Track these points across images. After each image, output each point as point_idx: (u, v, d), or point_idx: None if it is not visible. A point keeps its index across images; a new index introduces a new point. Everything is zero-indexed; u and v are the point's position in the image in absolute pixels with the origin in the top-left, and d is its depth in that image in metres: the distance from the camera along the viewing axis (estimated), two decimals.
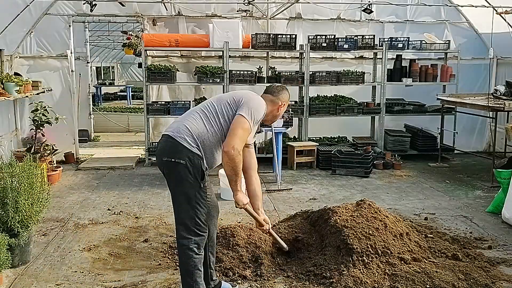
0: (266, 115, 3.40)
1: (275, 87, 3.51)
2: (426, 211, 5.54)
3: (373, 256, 3.75)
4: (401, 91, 8.80)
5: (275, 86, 3.53)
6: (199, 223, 3.16)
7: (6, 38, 7.10)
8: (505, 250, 4.36)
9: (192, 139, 3.13)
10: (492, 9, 7.42)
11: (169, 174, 3.20)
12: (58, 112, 7.11)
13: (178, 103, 7.80)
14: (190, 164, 3.09)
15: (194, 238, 3.14)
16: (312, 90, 8.15)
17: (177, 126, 3.23)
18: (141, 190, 6.42)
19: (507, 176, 5.22)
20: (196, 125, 3.19)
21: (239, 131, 3.12)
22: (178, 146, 3.11)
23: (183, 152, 3.10)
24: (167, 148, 3.17)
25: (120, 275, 3.86)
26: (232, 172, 3.13)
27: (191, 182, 3.12)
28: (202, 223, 3.17)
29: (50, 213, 5.26)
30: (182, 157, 3.09)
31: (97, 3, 7.21)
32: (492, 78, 8.64)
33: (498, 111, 6.63)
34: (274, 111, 3.45)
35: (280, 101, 3.43)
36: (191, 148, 3.11)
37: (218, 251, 3.89)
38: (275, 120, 3.57)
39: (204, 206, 3.18)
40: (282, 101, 3.45)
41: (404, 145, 8.39)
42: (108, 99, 17.80)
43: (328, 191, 6.43)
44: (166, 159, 3.16)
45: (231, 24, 7.81)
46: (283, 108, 3.48)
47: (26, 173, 3.98)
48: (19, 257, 3.98)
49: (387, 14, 8.76)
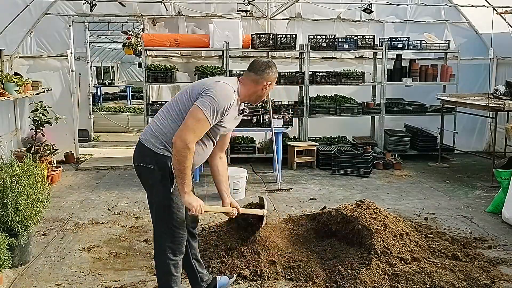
0: (249, 95, 3.09)
1: (259, 64, 3.08)
2: (426, 211, 5.54)
3: (373, 256, 3.76)
4: (401, 91, 8.80)
5: (259, 63, 3.09)
6: (173, 228, 3.00)
7: (6, 38, 7.10)
8: (505, 250, 4.37)
9: (158, 141, 2.95)
10: (492, 9, 7.42)
11: (141, 179, 3.09)
12: (58, 112, 7.10)
13: None
14: (158, 168, 2.93)
15: (168, 244, 3.02)
16: (312, 90, 8.15)
17: (144, 129, 3.09)
18: (141, 190, 6.39)
19: (507, 176, 5.22)
20: (160, 125, 2.99)
21: (190, 122, 2.83)
22: (145, 150, 2.97)
23: (150, 156, 2.95)
24: (136, 152, 3.06)
25: (120, 275, 3.86)
26: (178, 166, 2.82)
27: (161, 186, 2.95)
28: (176, 228, 3.01)
29: (50, 213, 5.27)
30: (150, 161, 2.95)
31: (97, 3, 7.21)
32: (492, 78, 8.64)
33: (498, 111, 6.63)
34: (258, 92, 3.09)
35: (265, 81, 3.05)
36: (157, 150, 2.93)
37: (217, 254, 3.90)
38: (260, 100, 3.20)
39: (178, 210, 3.00)
40: (267, 81, 3.06)
41: (404, 145, 8.39)
42: (108, 99, 17.79)
43: (328, 191, 6.44)
44: (136, 164, 3.05)
45: (231, 24, 7.81)
46: (268, 87, 3.10)
47: (26, 173, 3.98)
48: (19, 257, 3.98)
49: (387, 14, 8.76)
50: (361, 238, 3.97)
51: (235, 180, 5.94)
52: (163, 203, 2.98)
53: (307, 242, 4.33)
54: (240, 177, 5.98)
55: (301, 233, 4.47)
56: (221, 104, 2.88)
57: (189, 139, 2.80)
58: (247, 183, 6.21)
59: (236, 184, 5.94)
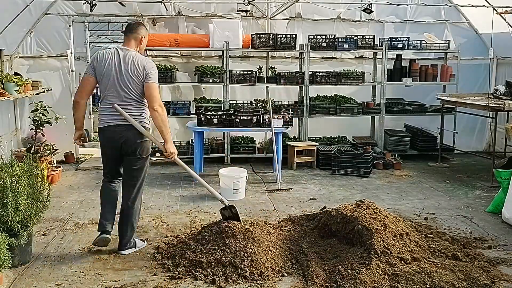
0: (140, 50, 4.24)
1: (131, 26, 4.21)
2: (426, 211, 5.55)
3: (373, 256, 3.76)
4: (401, 91, 8.80)
5: (131, 25, 4.22)
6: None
7: (6, 38, 7.09)
8: (505, 250, 4.37)
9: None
10: (492, 9, 7.42)
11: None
12: (58, 112, 7.10)
13: (178, 103, 7.80)
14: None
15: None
16: (312, 90, 8.15)
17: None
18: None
19: (507, 176, 5.22)
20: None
21: (157, 93, 4.07)
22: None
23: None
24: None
25: (120, 275, 3.86)
26: (163, 124, 4.00)
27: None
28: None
29: (50, 213, 5.26)
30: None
31: (97, 3, 7.21)
32: (492, 78, 8.65)
33: (498, 111, 6.63)
34: (141, 46, 4.26)
35: (139, 35, 4.21)
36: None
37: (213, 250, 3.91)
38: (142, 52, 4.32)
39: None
40: (142, 35, 4.23)
41: (404, 145, 8.39)
42: None
43: (328, 191, 6.44)
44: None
45: (231, 24, 7.81)
46: (145, 40, 4.28)
47: (26, 173, 3.98)
48: (19, 257, 3.98)
49: (387, 14, 8.77)
50: (361, 238, 3.97)
51: (235, 180, 5.94)
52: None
53: (307, 242, 4.33)
54: (240, 177, 5.98)
55: (301, 233, 4.48)
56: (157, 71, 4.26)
57: (162, 104, 4.15)
58: (247, 183, 6.21)
59: (236, 184, 5.94)
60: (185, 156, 7.82)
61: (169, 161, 7.96)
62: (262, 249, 3.96)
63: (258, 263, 3.83)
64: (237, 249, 3.91)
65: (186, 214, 5.43)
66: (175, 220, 5.21)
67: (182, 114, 7.75)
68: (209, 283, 3.68)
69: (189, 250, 4.02)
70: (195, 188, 6.52)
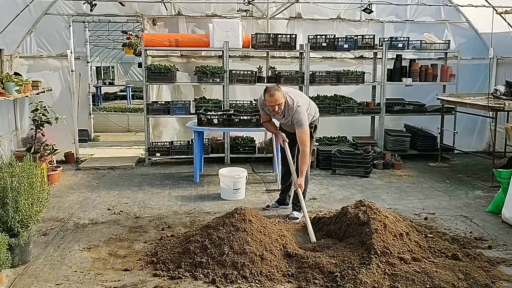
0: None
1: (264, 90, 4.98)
2: (426, 211, 5.55)
3: (373, 256, 3.76)
4: (401, 91, 8.80)
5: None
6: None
7: (6, 38, 7.09)
8: (505, 250, 4.37)
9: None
10: (492, 9, 7.41)
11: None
12: (58, 112, 7.10)
13: (178, 103, 7.80)
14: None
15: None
16: (312, 90, 8.14)
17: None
18: (141, 190, 6.42)
19: (507, 176, 5.22)
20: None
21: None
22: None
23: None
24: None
25: (120, 275, 3.86)
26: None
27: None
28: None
29: (50, 213, 5.27)
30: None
31: (97, 3, 7.19)
32: (492, 78, 8.65)
33: (498, 111, 6.63)
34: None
35: (264, 101, 5.00)
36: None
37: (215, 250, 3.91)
38: (272, 111, 5.05)
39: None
40: (265, 101, 4.98)
41: (404, 145, 8.39)
42: (108, 99, 17.77)
43: (328, 191, 6.44)
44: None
45: (231, 24, 7.81)
46: (268, 104, 4.95)
47: (26, 173, 3.98)
48: (19, 257, 3.98)
49: (387, 14, 8.76)
50: (361, 238, 3.97)
51: (235, 180, 5.94)
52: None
53: (307, 242, 4.33)
54: (240, 177, 5.98)
55: (301, 233, 4.48)
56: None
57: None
58: (247, 183, 6.21)
59: (236, 184, 5.94)
60: (185, 156, 7.83)
61: (169, 161, 8.01)
62: (262, 248, 3.96)
63: (258, 263, 3.82)
64: (237, 249, 3.90)
65: (186, 214, 5.43)
66: (175, 220, 5.21)
67: (182, 114, 7.75)
68: (209, 283, 3.69)
69: (189, 250, 4.02)
70: (195, 188, 6.52)
